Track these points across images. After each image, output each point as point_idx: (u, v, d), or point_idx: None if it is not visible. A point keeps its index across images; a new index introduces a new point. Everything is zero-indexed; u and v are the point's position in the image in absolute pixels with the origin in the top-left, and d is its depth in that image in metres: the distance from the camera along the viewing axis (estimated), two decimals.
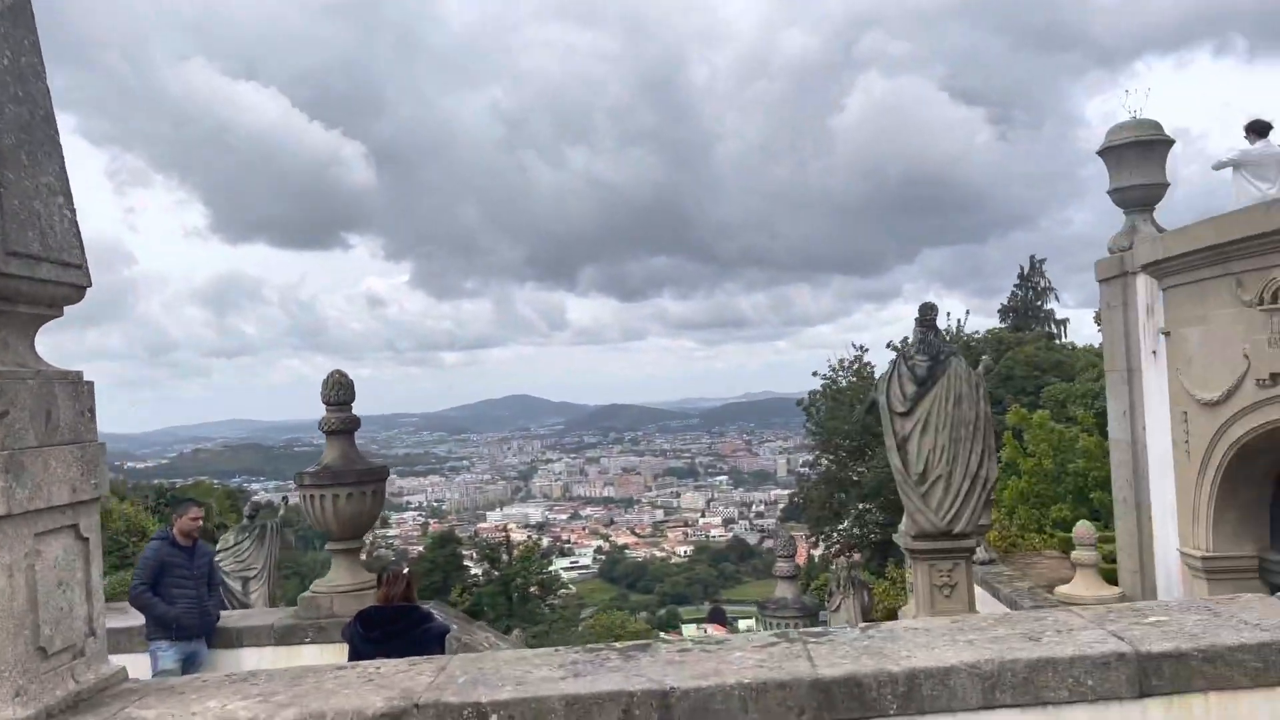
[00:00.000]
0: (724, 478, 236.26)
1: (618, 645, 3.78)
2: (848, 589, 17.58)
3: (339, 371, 7.56)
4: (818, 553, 53.75)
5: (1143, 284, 9.71)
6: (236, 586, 13.39)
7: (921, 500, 9.83)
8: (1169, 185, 10.34)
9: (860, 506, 48.55)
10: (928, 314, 10.40)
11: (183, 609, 7.06)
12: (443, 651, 5.83)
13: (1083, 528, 10.06)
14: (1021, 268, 59.04)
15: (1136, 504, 9.97)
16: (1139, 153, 10.16)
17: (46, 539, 3.71)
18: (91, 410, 4.41)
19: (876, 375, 53.18)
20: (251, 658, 7.29)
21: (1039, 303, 58.68)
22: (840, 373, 53.34)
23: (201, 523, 7.68)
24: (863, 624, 3.81)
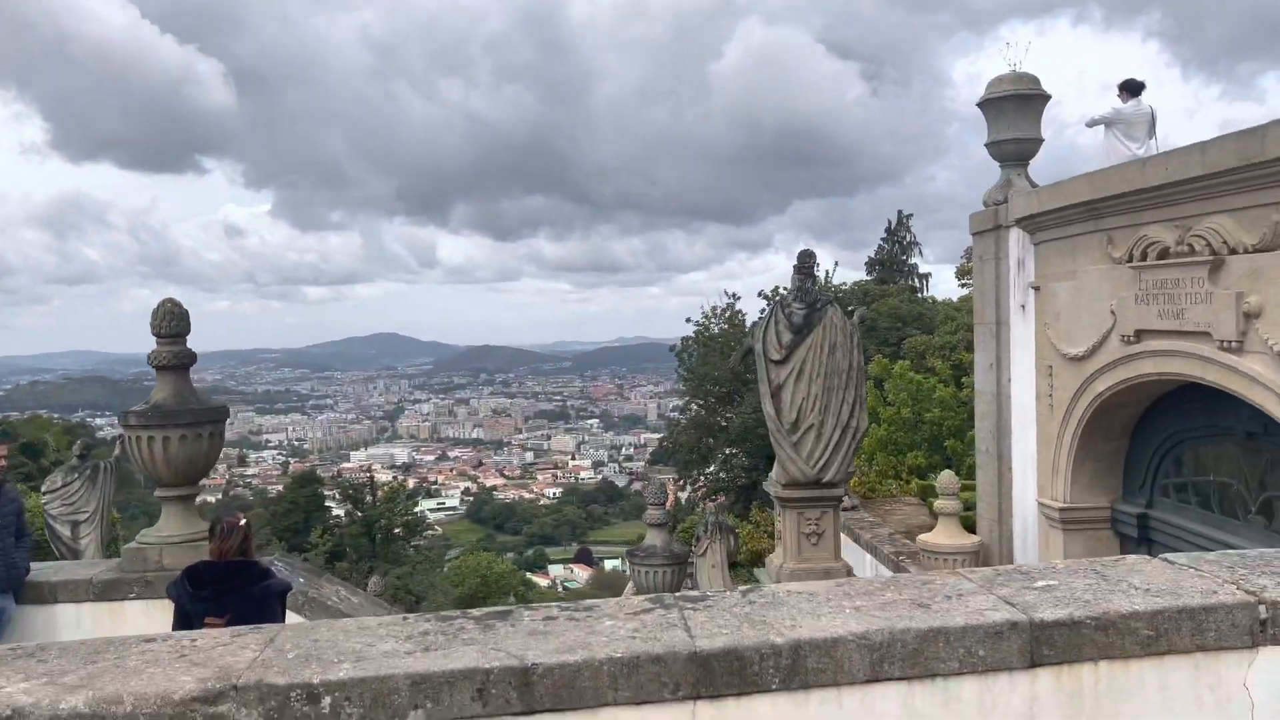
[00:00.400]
0: (595, 421, 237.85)
1: (475, 613, 3.38)
2: (714, 534, 17.67)
3: (171, 300, 6.81)
4: (684, 495, 54.67)
5: (1015, 238, 9.78)
6: (65, 531, 12.36)
7: (793, 449, 9.76)
8: (1043, 140, 10.42)
9: (727, 451, 49.52)
10: (806, 261, 10.26)
11: None
12: (283, 611, 5.33)
13: (946, 478, 10.21)
14: (889, 222, 60.61)
15: (998, 455, 10.16)
16: (1017, 106, 10.18)
17: None
18: None
19: (748, 323, 54.07)
20: (67, 615, 6.60)
21: (904, 257, 60.52)
22: (713, 320, 53.90)
23: (5, 462, 6.87)
24: (743, 588, 3.53)
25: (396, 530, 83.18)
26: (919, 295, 54.30)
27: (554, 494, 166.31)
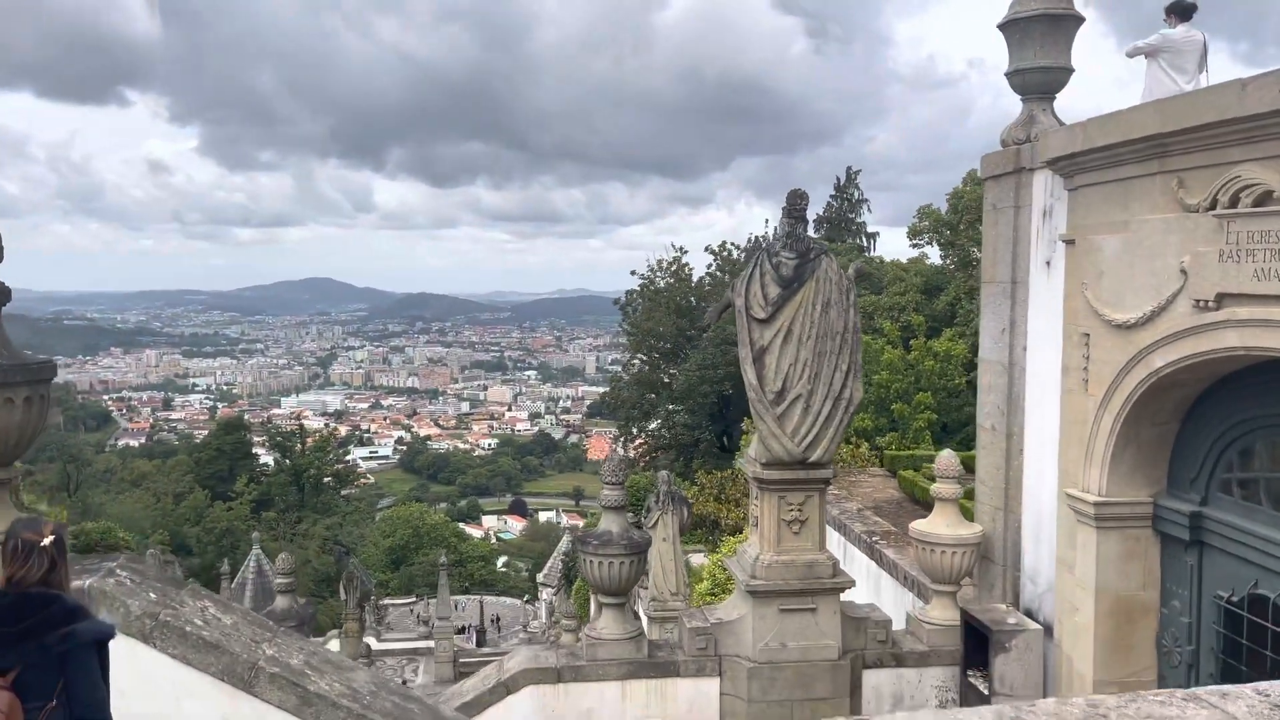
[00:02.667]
0: (533, 373, 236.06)
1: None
2: (666, 504, 16.27)
3: None
4: (619, 448, 53.45)
5: (1041, 182, 8.34)
6: None
7: (776, 422, 8.28)
8: (1074, 70, 8.96)
9: (670, 408, 48.32)
10: (797, 203, 8.70)
11: None
12: (95, 668, 3.67)
13: (946, 459, 8.84)
14: (838, 179, 59.49)
15: (1006, 434, 8.81)
16: (1046, 29, 8.70)
17: None
18: None
19: (695, 279, 52.45)
20: None
21: (852, 215, 59.49)
22: (659, 274, 52.35)
23: None
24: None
25: (327, 479, 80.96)
26: (866, 254, 53.39)
27: (489, 445, 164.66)
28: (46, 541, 3.67)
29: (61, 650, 3.51)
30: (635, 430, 51.11)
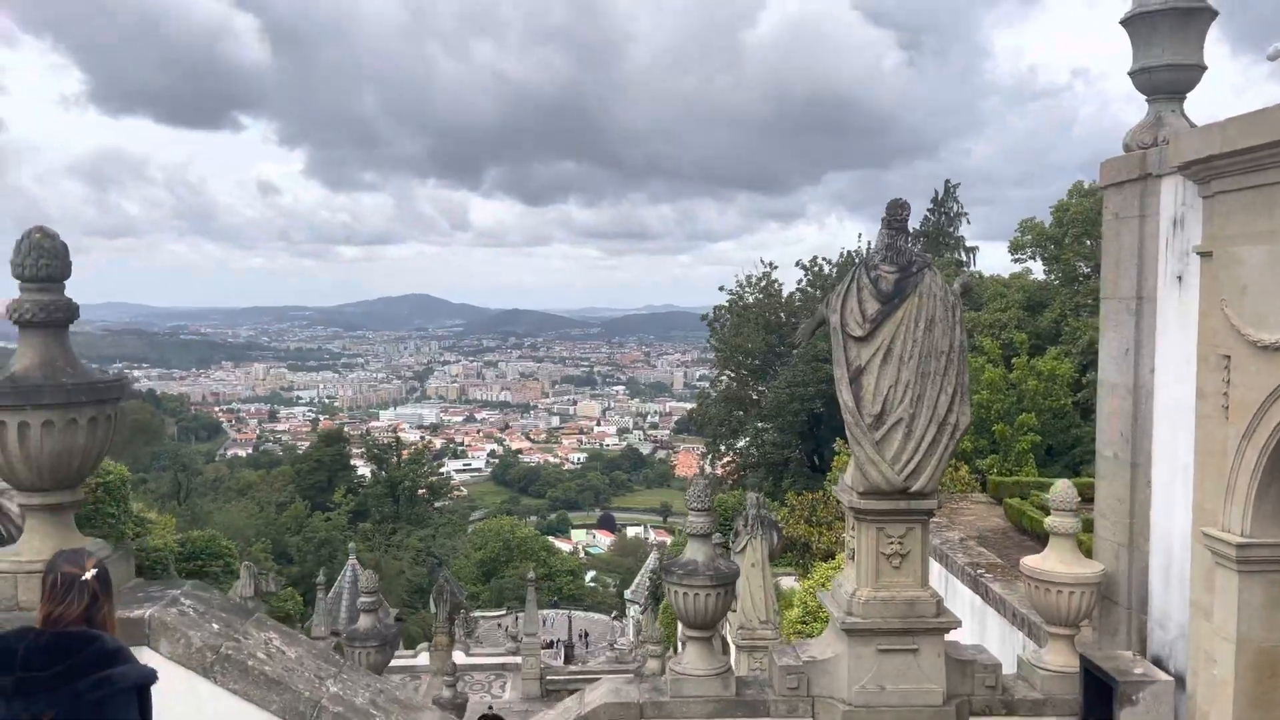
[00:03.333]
0: (621, 387, 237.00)
1: None
2: (755, 528, 15.74)
3: (41, 230, 4.86)
4: (707, 465, 52.78)
5: (1171, 189, 7.63)
6: (14, 508, 10.82)
7: (875, 449, 7.73)
8: (1206, 69, 8.22)
9: (759, 426, 47.52)
10: (898, 214, 8.14)
11: None
12: (134, 716, 3.40)
13: (1064, 490, 8.14)
14: (935, 192, 57.91)
15: (1132, 463, 8.07)
16: (1175, 24, 7.99)
17: None
18: None
19: (785, 295, 51.61)
20: None
21: (950, 229, 57.79)
22: (747, 289, 51.68)
23: None
24: None
25: (421, 491, 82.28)
26: (968, 269, 51.74)
27: (579, 459, 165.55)
28: (88, 575, 3.42)
29: (96, 697, 3.25)
30: (723, 448, 50.46)
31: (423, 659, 31.75)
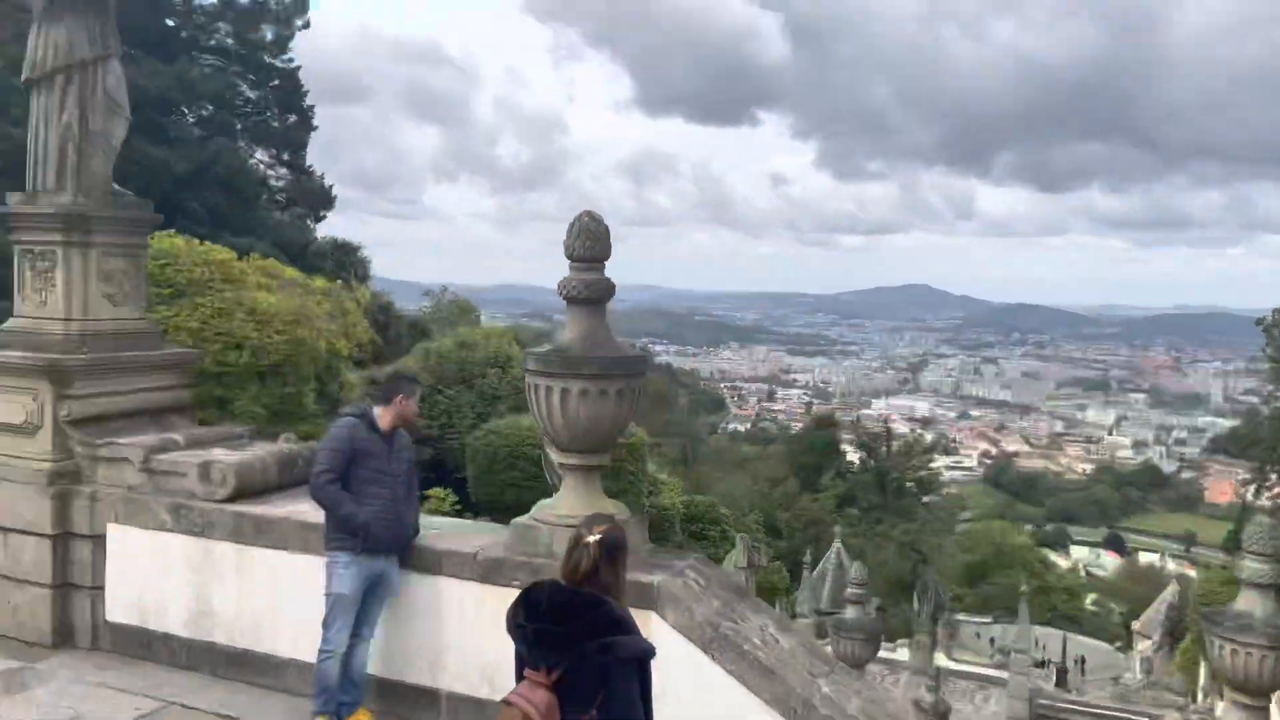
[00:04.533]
0: (1142, 396, 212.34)
1: None
2: None
3: (589, 214, 5.27)
4: (1248, 494, 44.90)
5: None
6: (556, 458, 12.29)
7: None
8: None
9: None
10: None
11: (374, 514, 5.37)
12: (634, 688, 3.48)
13: None
14: None
15: None
16: None
17: None
18: None
19: None
20: (452, 593, 5.48)
21: None
22: None
23: (418, 411, 6.00)
24: None
25: (909, 484, 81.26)
26: None
27: (1084, 469, 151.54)
28: (591, 539, 3.56)
29: (602, 661, 3.36)
30: (1275, 475, 42.65)
31: (901, 654, 31.22)
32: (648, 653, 3.50)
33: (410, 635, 5.66)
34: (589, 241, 5.24)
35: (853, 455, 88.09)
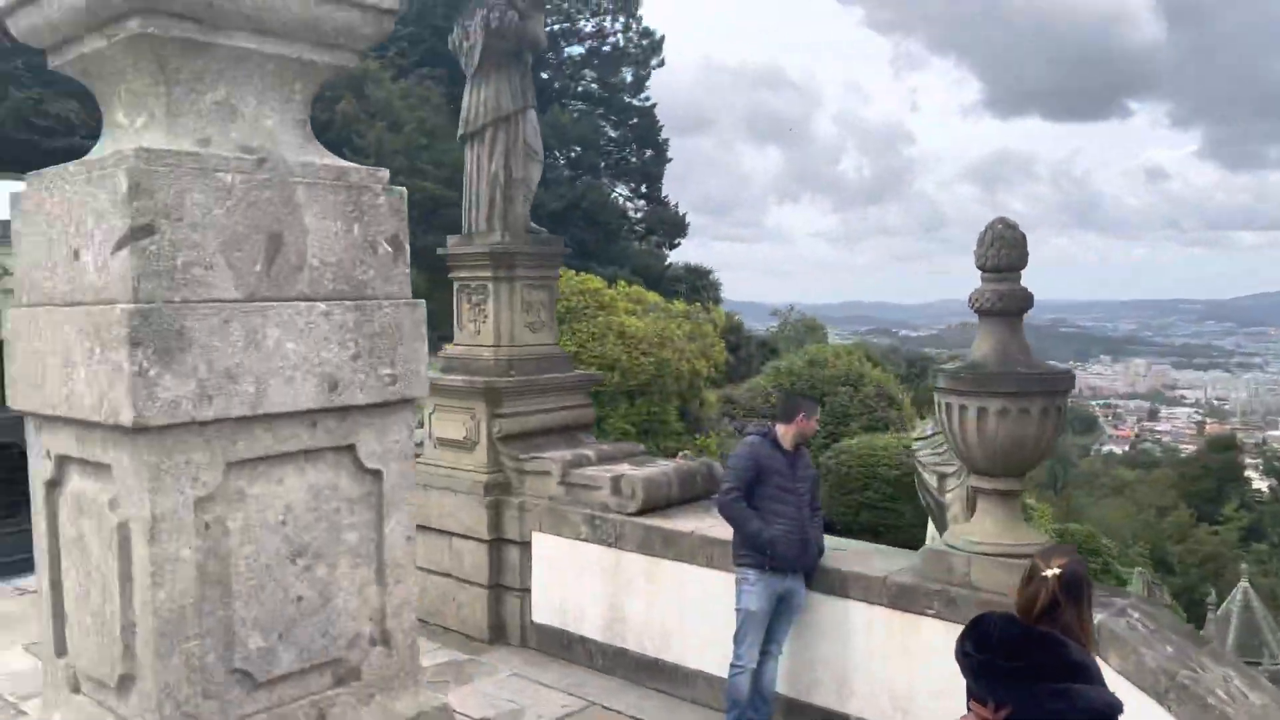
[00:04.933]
0: None
1: None
2: None
3: (1004, 221, 4.96)
4: None
5: None
6: (932, 481, 11.90)
7: None
8: None
9: None
10: None
11: (780, 531, 5.41)
12: None
13: None
14: None
15: None
16: None
17: (263, 472, 2.15)
18: (399, 237, 2.65)
19: None
20: (859, 616, 5.36)
21: None
22: None
23: (817, 428, 5.97)
24: None
25: None
26: None
27: None
28: (1049, 572, 3.25)
29: (1055, 709, 3.05)
30: None
31: None
32: (1114, 707, 3.14)
33: (816, 656, 5.62)
34: (1004, 250, 4.93)
35: (1260, 483, 76.88)
